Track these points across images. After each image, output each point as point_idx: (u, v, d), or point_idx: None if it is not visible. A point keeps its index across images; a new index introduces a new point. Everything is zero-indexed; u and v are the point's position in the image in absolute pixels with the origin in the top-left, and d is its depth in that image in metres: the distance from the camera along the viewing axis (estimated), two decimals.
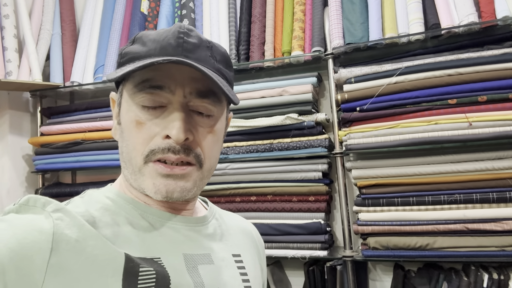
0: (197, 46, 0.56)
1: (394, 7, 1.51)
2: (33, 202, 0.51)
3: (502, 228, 1.31)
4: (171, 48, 0.54)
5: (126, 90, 0.59)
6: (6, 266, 0.43)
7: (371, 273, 1.65)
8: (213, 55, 0.58)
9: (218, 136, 0.61)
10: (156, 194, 0.56)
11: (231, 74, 0.63)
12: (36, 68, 1.86)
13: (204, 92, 0.57)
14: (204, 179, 0.60)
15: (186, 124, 0.55)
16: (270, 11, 1.72)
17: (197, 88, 0.57)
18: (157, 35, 0.57)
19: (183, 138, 0.54)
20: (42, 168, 1.94)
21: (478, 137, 1.33)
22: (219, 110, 0.60)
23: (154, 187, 0.55)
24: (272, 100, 1.63)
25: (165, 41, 0.55)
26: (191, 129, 0.56)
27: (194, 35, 0.57)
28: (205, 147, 0.58)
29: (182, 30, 0.56)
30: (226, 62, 0.61)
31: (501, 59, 1.34)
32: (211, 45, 0.59)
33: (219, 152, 0.63)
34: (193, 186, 0.58)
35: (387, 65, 1.49)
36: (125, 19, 1.95)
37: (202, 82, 0.57)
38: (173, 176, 0.56)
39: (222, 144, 0.66)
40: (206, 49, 0.57)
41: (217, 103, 0.59)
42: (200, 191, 0.61)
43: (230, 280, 0.61)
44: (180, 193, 0.56)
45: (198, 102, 0.57)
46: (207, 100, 0.58)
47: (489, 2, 1.37)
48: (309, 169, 1.58)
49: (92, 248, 0.49)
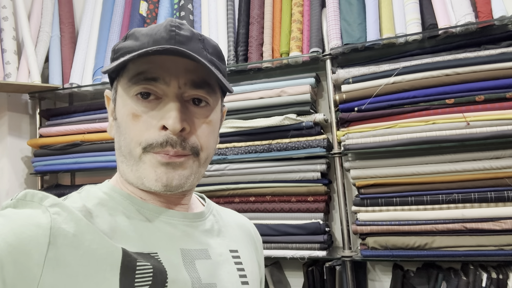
0: (189, 39, 0.57)
1: (392, 7, 1.52)
2: (31, 197, 0.51)
3: (500, 227, 1.31)
4: (164, 41, 0.55)
5: (121, 84, 0.59)
6: (4, 260, 0.43)
7: (370, 273, 1.65)
8: (205, 47, 0.59)
9: (213, 126, 0.62)
10: (156, 182, 0.56)
11: (224, 67, 0.63)
12: (35, 70, 1.87)
13: (199, 82, 0.58)
14: (201, 168, 0.61)
15: (182, 114, 0.56)
16: (268, 12, 1.73)
17: (191, 79, 0.57)
18: (149, 30, 0.57)
19: (179, 127, 0.54)
20: (41, 170, 1.94)
21: (476, 136, 1.34)
22: (213, 100, 0.61)
23: (155, 174, 0.56)
24: (270, 100, 1.63)
25: (158, 35, 0.55)
26: (186, 120, 0.56)
27: (185, 28, 0.57)
28: (201, 137, 0.59)
29: (173, 24, 0.56)
30: (218, 55, 0.62)
31: (498, 59, 1.35)
32: (203, 38, 0.59)
33: (215, 143, 0.64)
34: (190, 173, 0.58)
35: (384, 66, 1.49)
36: (124, 21, 1.96)
37: (196, 73, 0.57)
38: (172, 164, 0.56)
39: (218, 137, 0.66)
40: (198, 41, 0.58)
41: (211, 94, 0.60)
42: (197, 181, 0.62)
43: (228, 275, 0.61)
44: (179, 180, 0.57)
45: (193, 93, 0.58)
46: (202, 90, 0.58)
47: (485, 2, 1.38)
48: (308, 169, 1.58)
49: (89, 242, 0.49)
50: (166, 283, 0.52)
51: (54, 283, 0.45)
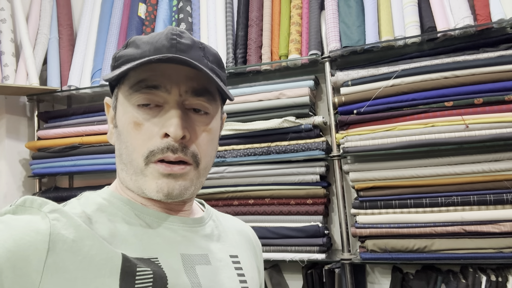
0: (190, 47, 0.57)
1: (390, 10, 1.52)
2: (30, 203, 0.51)
3: (500, 230, 1.31)
4: (165, 49, 0.55)
5: (122, 92, 0.59)
6: (2, 266, 0.43)
7: (369, 276, 1.65)
8: (206, 55, 0.59)
9: (213, 135, 0.62)
10: (158, 193, 0.56)
11: (224, 75, 0.64)
12: (33, 72, 1.86)
13: (199, 90, 0.58)
14: (201, 178, 0.61)
15: (183, 121, 0.56)
16: (267, 14, 1.73)
17: (192, 86, 0.57)
18: (150, 38, 0.58)
19: (181, 134, 0.55)
20: (39, 173, 1.94)
21: (475, 139, 1.34)
22: (214, 108, 0.61)
23: (156, 186, 0.56)
24: (269, 103, 1.63)
25: (159, 43, 0.56)
26: (187, 127, 0.57)
27: (186, 37, 0.58)
28: (201, 145, 0.59)
29: (174, 32, 0.57)
30: (218, 63, 0.62)
31: (497, 62, 1.35)
32: (203, 46, 0.60)
33: (214, 151, 0.64)
34: (190, 184, 0.58)
35: (383, 68, 1.49)
36: (123, 23, 1.95)
37: (197, 80, 0.58)
38: (173, 175, 0.56)
39: (218, 144, 0.67)
40: (199, 49, 0.59)
41: (212, 101, 0.60)
42: (198, 190, 0.62)
43: (228, 280, 0.61)
44: (179, 191, 0.57)
45: (194, 100, 0.58)
46: (202, 98, 0.59)
47: (484, 5, 1.38)
48: (307, 172, 1.58)
49: (89, 248, 0.49)
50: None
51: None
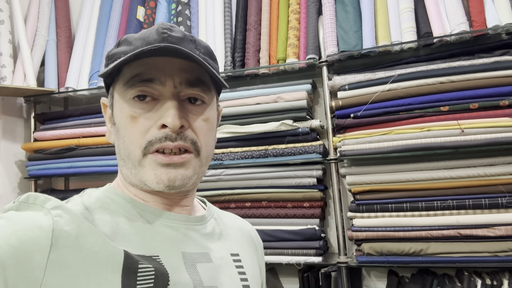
0: (181, 40, 0.58)
1: (387, 16, 1.54)
2: (33, 199, 0.51)
3: (495, 233, 1.32)
4: (156, 42, 0.56)
5: (117, 89, 0.60)
6: (6, 262, 0.43)
7: (365, 280, 1.65)
8: (197, 47, 0.60)
9: (211, 124, 0.63)
10: (158, 184, 0.56)
11: (216, 67, 0.65)
12: (30, 73, 1.86)
13: (193, 81, 0.59)
14: (203, 167, 0.61)
15: (180, 112, 0.56)
16: (265, 19, 1.74)
17: (186, 77, 0.58)
18: (141, 34, 0.58)
19: (178, 124, 0.55)
20: (35, 174, 1.93)
21: (470, 143, 1.35)
22: (209, 97, 0.62)
23: (155, 177, 0.56)
24: (267, 106, 1.64)
25: (150, 37, 0.56)
26: (185, 117, 0.57)
27: (177, 30, 0.59)
28: (200, 134, 0.60)
29: (165, 26, 0.57)
30: (210, 55, 0.63)
31: (492, 67, 1.37)
32: (194, 39, 0.61)
33: (213, 141, 0.65)
34: (193, 173, 0.59)
35: (380, 73, 1.51)
36: (121, 26, 1.96)
37: (191, 72, 0.59)
38: (173, 165, 0.56)
39: (216, 135, 0.67)
40: (190, 42, 0.59)
41: (206, 91, 0.61)
42: (200, 180, 0.62)
43: (229, 279, 0.61)
44: (182, 180, 0.57)
45: (189, 91, 0.59)
46: (197, 88, 0.59)
47: (480, 12, 1.40)
48: (304, 175, 1.58)
49: (91, 244, 0.49)
50: (168, 285, 0.52)
51: (56, 285, 0.45)
